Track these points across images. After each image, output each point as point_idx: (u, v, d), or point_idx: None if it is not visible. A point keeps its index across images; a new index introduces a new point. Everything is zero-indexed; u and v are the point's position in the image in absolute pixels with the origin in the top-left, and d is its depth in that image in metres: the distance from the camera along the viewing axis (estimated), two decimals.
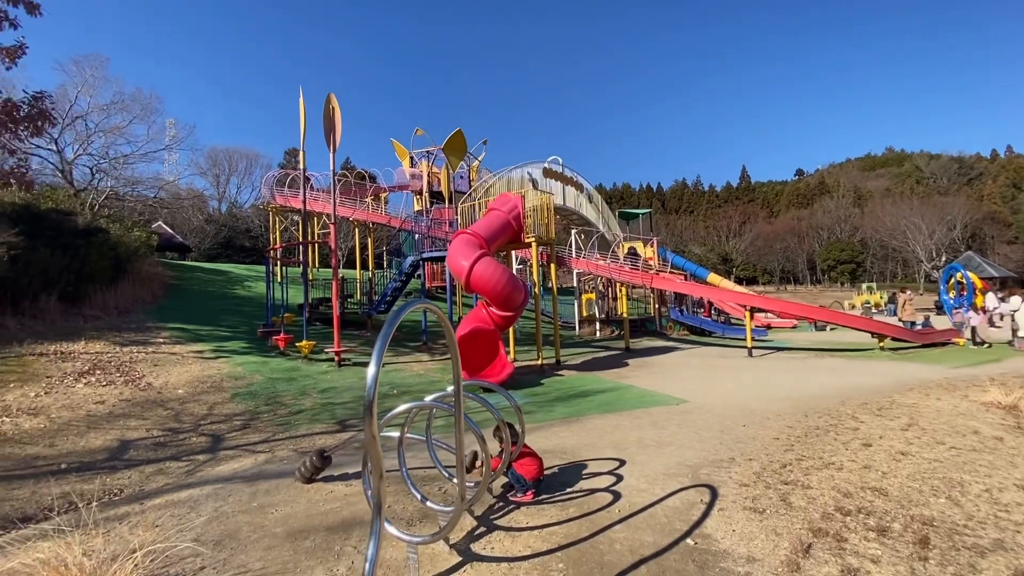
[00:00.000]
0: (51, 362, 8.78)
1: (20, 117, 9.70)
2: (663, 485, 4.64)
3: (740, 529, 3.73)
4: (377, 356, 2.14)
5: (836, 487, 4.51)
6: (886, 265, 70.16)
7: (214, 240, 44.18)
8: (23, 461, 5.48)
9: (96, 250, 12.68)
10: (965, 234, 53.39)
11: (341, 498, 4.56)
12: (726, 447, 5.75)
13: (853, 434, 6.16)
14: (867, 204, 78.51)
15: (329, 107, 17.07)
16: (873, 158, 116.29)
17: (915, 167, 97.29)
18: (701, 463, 5.23)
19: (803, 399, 8.29)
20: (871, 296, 43.98)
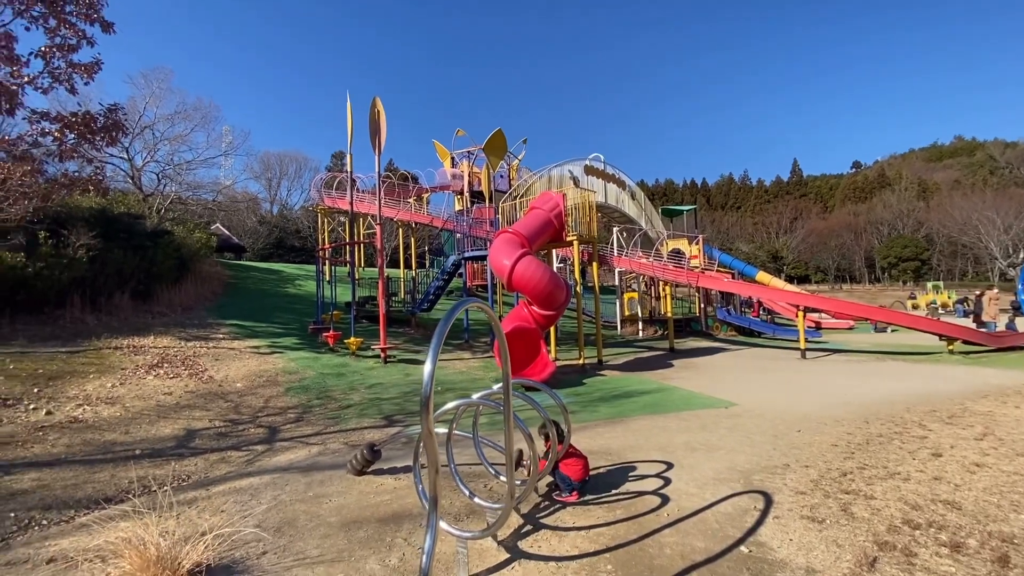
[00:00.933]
0: (125, 355, 9.44)
1: (97, 128, 10.46)
2: (713, 490, 4.52)
3: (798, 539, 3.59)
4: (433, 353, 2.18)
5: (903, 498, 4.26)
6: (955, 263, 65.44)
7: (266, 241, 46.22)
8: (102, 446, 5.92)
9: (163, 251, 13.54)
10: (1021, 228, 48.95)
11: (391, 491, 4.69)
12: (780, 453, 5.54)
13: (921, 443, 5.81)
14: (933, 197, 73.49)
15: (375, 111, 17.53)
16: (940, 148, 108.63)
17: (988, 156, 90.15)
18: (753, 469, 5.06)
19: (863, 404, 7.87)
20: (938, 296, 41.13)
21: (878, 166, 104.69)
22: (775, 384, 9.89)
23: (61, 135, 10.08)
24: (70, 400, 7.28)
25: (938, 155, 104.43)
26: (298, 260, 44.29)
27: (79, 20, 10.47)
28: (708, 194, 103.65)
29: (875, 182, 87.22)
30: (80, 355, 9.17)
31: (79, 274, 10.92)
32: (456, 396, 9.20)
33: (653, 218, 22.33)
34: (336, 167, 58.89)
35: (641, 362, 13.54)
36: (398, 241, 27.45)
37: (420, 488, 3.69)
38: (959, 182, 78.78)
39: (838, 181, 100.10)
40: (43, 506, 4.47)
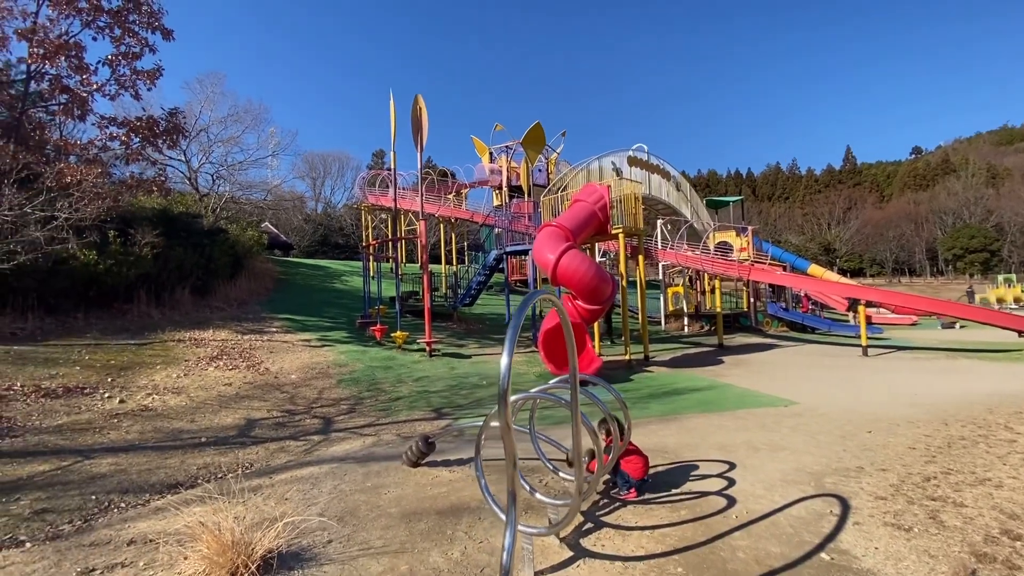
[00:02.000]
0: (187, 347, 9.91)
1: (160, 131, 10.99)
2: (782, 492, 4.29)
3: (884, 547, 3.35)
4: (509, 347, 2.11)
5: (997, 507, 3.93)
6: None
7: (312, 238, 47.69)
8: (171, 434, 6.20)
9: (219, 248, 14.14)
10: None
11: (446, 483, 4.69)
12: (851, 455, 5.23)
13: (1010, 447, 5.36)
14: (1004, 183, 68.26)
15: (416, 108, 17.68)
16: (1011, 130, 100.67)
17: None
18: (823, 471, 4.78)
19: (938, 405, 7.35)
20: (1010, 289, 38.10)
21: (941, 151, 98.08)
22: (836, 382, 9.39)
23: (128, 139, 10.66)
24: (140, 389, 7.68)
25: (1008, 138, 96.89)
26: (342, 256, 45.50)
27: (141, 29, 11.00)
28: (754, 184, 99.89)
29: (938, 168, 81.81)
30: (147, 347, 9.68)
31: (144, 270, 11.53)
32: None
33: (699, 209, 21.65)
34: (376, 165, 60.11)
35: (689, 358, 13.16)
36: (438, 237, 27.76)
37: (483, 483, 3.66)
38: None
39: (896, 168, 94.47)
40: (121, 489, 4.70)
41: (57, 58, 10.11)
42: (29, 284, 9.56)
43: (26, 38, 9.74)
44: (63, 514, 4.19)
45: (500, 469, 5.01)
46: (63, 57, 10.27)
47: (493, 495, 3.67)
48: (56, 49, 9.86)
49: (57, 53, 9.89)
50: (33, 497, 4.43)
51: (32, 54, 9.94)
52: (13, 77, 11.06)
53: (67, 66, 10.55)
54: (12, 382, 7.17)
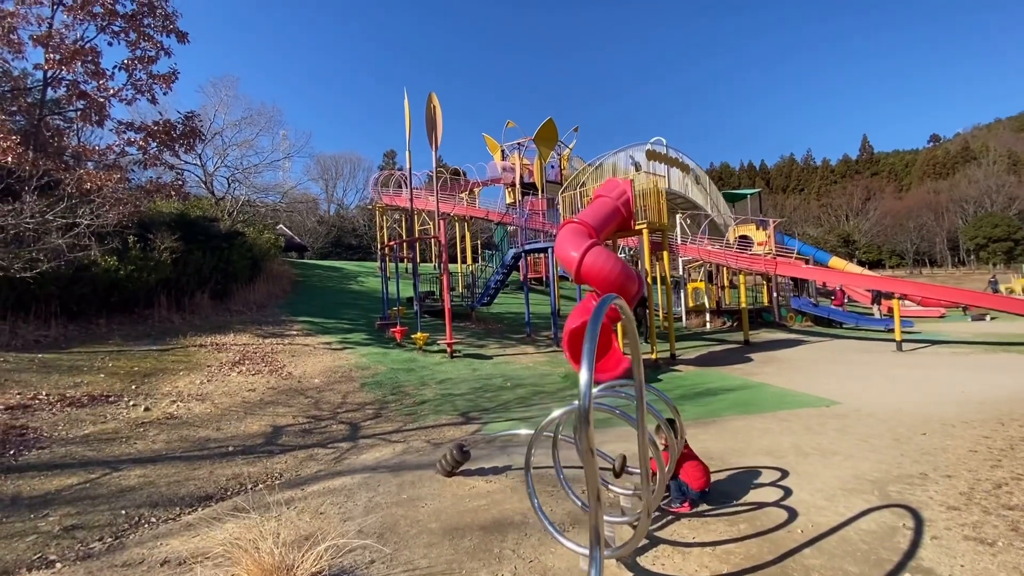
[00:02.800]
0: (209, 353, 9.83)
1: (177, 135, 10.92)
2: (846, 503, 4.03)
3: (971, 564, 3.08)
4: (589, 359, 1.88)
5: None
6: None
7: (325, 240, 47.87)
8: (198, 443, 6.08)
9: (237, 252, 14.10)
10: None
11: (485, 495, 4.49)
12: (910, 459, 4.93)
13: None
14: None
15: (430, 106, 17.49)
16: None
17: None
18: (885, 478, 4.50)
19: (989, 403, 6.99)
20: None
21: (960, 139, 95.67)
22: (876, 380, 9.04)
23: (145, 144, 10.60)
24: (164, 397, 7.59)
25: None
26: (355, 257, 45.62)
27: (156, 32, 10.92)
28: (768, 176, 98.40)
29: (957, 156, 79.88)
30: (169, 353, 9.61)
31: (164, 275, 11.50)
32: (528, 392, 8.99)
33: (719, 203, 21.22)
34: (388, 166, 60.15)
35: (716, 356, 12.84)
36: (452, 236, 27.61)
37: (537, 504, 3.45)
38: None
39: (914, 157, 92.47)
40: (151, 503, 4.57)
41: (73, 63, 10.06)
42: (52, 291, 9.55)
43: (42, 44, 9.71)
44: (93, 531, 4.06)
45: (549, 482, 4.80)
46: (79, 62, 10.23)
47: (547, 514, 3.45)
48: (72, 54, 9.81)
49: (73, 58, 9.85)
50: (62, 512, 4.31)
51: (48, 59, 9.91)
52: (30, 85, 11.08)
53: (83, 71, 10.52)
54: (37, 391, 7.11)
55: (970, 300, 12.70)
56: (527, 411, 7.72)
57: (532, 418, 7.31)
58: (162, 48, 10.84)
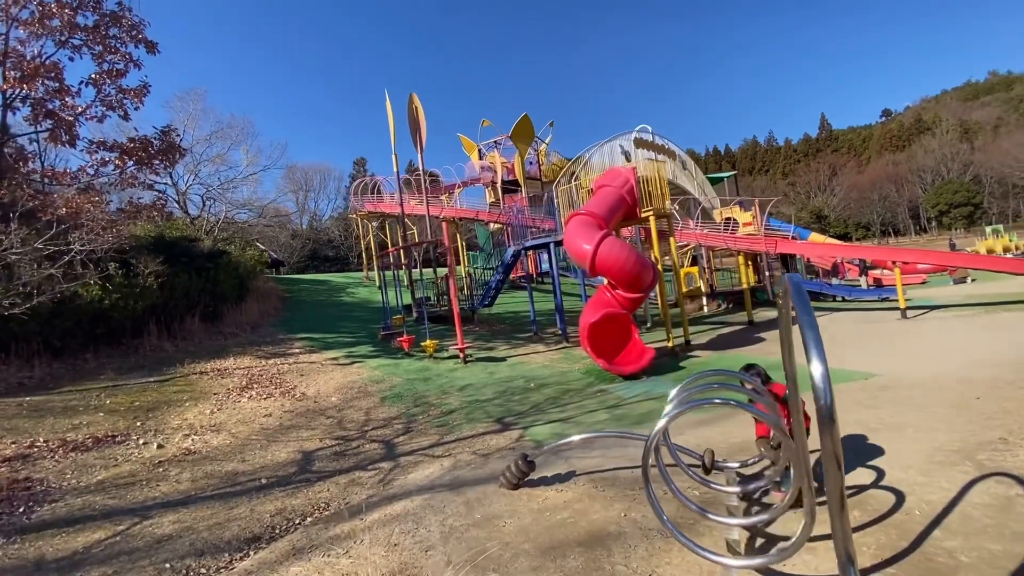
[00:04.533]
0: (212, 379, 9.24)
1: (155, 152, 10.25)
2: (945, 477, 3.87)
3: None
4: (819, 353, 1.61)
5: None
6: (1007, 204, 61.89)
7: (300, 253, 46.61)
8: (227, 478, 5.60)
9: (223, 271, 13.40)
10: None
11: (563, 506, 4.19)
12: (980, 425, 4.84)
13: None
14: (978, 138, 69.53)
15: (412, 107, 17.05)
16: (975, 85, 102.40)
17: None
18: (967, 447, 4.38)
19: (1017, 363, 7.04)
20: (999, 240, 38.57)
21: (911, 112, 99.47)
22: (901, 349, 9.08)
23: (122, 162, 9.90)
24: (175, 431, 7.04)
25: (974, 93, 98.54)
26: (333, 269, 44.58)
27: (123, 44, 10.22)
28: (733, 160, 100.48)
29: (912, 128, 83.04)
30: (169, 383, 8.99)
31: (152, 301, 10.80)
32: (556, 391, 8.70)
33: (705, 187, 21.34)
34: (359, 174, 59.00)
35: (727, 339, 12.81)
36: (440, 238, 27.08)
37: (665, 518, 3.16)
38: (1002, 119, 74.38)
39: (871, 132, 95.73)
40: (196, 552, 4.13)
41: (35, 81, 9.32)
42: (32, 328, 8.81)
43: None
44: None
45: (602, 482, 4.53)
46: (40, 80, 9.48)
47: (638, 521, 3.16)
48: (34, 70, 9.07)
49: (35, 75, 9.10)
50: (98, 574, 3.83)
51: (7, 78, 9.15)
52: None
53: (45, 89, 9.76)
54: (34, 438, 6.49)
55: (967, 263, 12.97)
56: (562, 411, 7.45)
57: (572, 418, 7.05)
58: (131, 60, 10.13)
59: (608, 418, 6.87)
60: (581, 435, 4.96)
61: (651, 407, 7.19)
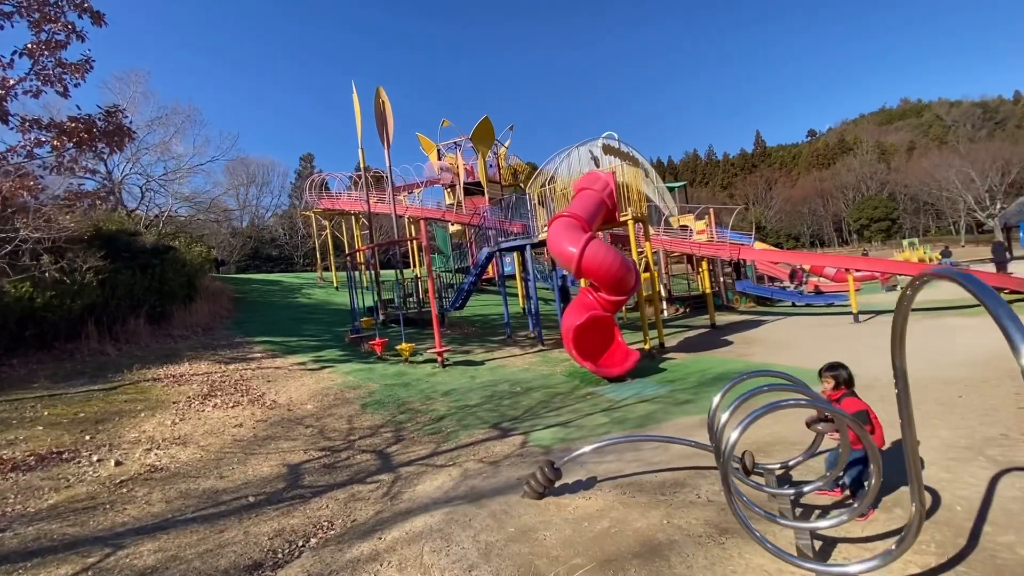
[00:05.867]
0: (168, 387, 8.35)
1: (99, 134, 9.20)
2: (967, 472, 4.02)
3: None
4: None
5: None
6: (918, 219, 68.31)
7: (241, 252, 43.95)
8: (206, 497, 5.00)
9: (171, 268, 12.25)
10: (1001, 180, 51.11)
11: (598, 515, 4.00)
12: (976, 422, 5.11)
13: None
14: (892, 159, 76.33)
15: (379, 101, 16.44)
16: (889, 111, 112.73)
17: (935, 116, 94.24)
18: (973, 443, 4.60)
19: (981, 362, 7.60)
20: (915, 252, 42.40)
21: (834, 133, 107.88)
22: (866, 351, 9.58)
23: (60, 143, 8.80)
24: (134, 445, 6.26)
25: (888, 118, 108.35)
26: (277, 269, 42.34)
27: (64, 13, 9.13)
28: (675, 171, 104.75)
29: (836, 148, 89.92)
30: (118, 391, 8.04)
31: (91, 301, 9.65)
32: (545, 395, 8.51)
33: (665, 195, 21.94)
34: (306, 170, 56.50)
35: (696, 341, 13.12)
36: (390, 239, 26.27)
37: (756, 533, 3.02)
38: (913, 143, 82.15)
39: (800, 150, 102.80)
40: None
41: None
42: None
43: None
44: None
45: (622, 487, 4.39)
46: None
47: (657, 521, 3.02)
48: None
49: None
50: None
51: None
52: None
53: None
54: None
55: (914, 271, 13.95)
56: (558, 415, 7.27)
57: (571, 422, 6.89)
58: (73, 31, 9.02)
59: (608, 421, 6.75)
60: (610, 439, 4.81)
61: (648, 409, 7.14)
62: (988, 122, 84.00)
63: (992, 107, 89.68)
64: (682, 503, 4.11)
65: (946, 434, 4.87)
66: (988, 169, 49.87)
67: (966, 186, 51.67)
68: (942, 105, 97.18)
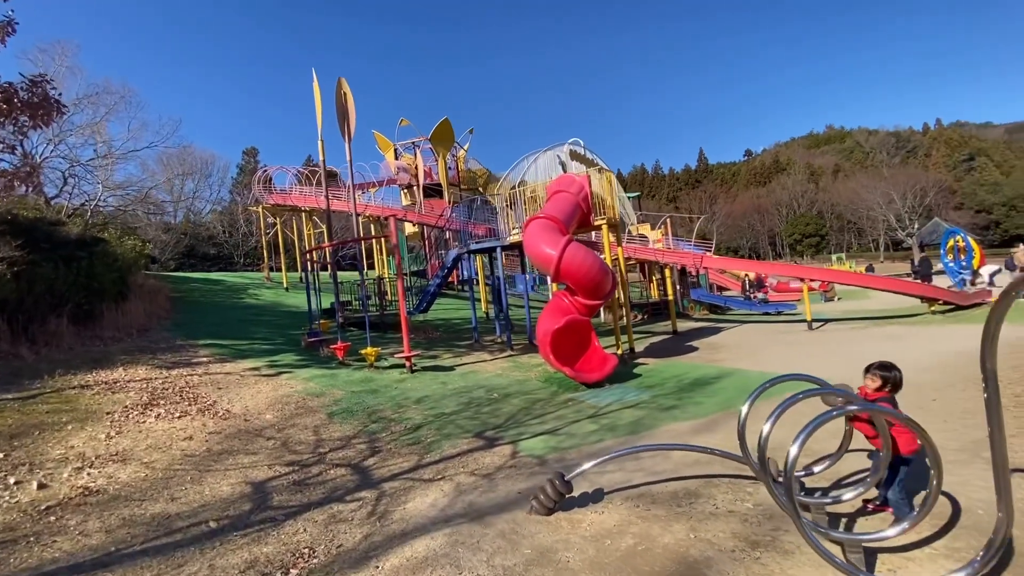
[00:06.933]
0: (101, 395, 7.31)
1: (21, 104, 8.05)
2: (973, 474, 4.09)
3: None
4: None
5: None
6: (843, 236, 73.79)
7: (175, 250, 40.78)
8: (158, 524, 4.29)
9: (101, 263, 10.92)
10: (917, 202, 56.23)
11: (616, 531, 3.71)
12: (958, 424, 5.31)
13: None
14: (821, 180, 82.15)
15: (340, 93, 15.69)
16: (816, 136, 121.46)
17: (856, 143, 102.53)
18: (966, 446, 4.73)
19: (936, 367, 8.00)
20: (843, 266, 45.69)
21: (768, 153, 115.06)
22: (829, 356, 9.94)
23: None
24: (60, 464, 5.36)
25: (816, 142, 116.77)
26: (215, 268, 39.62)
27: None
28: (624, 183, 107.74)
29: (771, 168, 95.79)
30: (37, 400, 6.95)
31: (3, 296, 8.37)
32: (524, 401, 8.17)
33: (626, 204, 22.34)
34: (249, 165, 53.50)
35: (662, 347, 13.23)
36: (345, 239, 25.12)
37: (828, 556, 2.80)
38: (839, 166, 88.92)
39: (739, 168, 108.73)
40: None
41: None
42: None
43: None
44: None
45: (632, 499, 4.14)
46: None
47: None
48: None
49: None
50: None
51: None
52: None
53: None
54: None
55: (873, 283, 14.73)
56: (543, 423, 6.96)
57: (559, 430, 6.59)
58: None
59: (598, 428, 6.51)
60: (630, 448, 4.54)
61: (635, 415, 6.97)
62: (901, 150, 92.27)
63: (904, 137, 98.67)
64: (702, 514, 3.90)
65: (937, 437, 4.93)
66: (907, 192, 54.79)
67: (888, 207, 56.40)
68: (862, 133, 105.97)
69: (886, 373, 3.38)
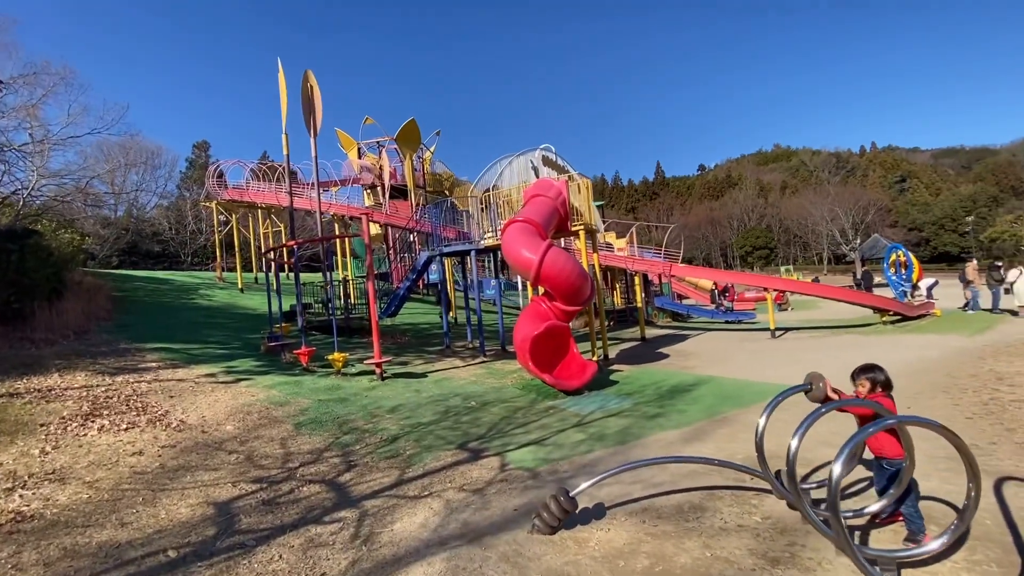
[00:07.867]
0: (33, 404, 6.49)
1: None
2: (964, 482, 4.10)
3: None
4: None
5: None
6: (790, 249, 77.56)
7: (115, 246, 38.04)
8: (107, 554, 3.75)
9: (33, 257, 9.85)
10: (858, 219, 59.85)
11: (627, 551, 3.51)
12: None
13: None
14: (769, 195, 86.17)
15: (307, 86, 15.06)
16: (765, 154, 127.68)
17: (801, 161, 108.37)
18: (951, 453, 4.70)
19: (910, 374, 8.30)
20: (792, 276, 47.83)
21: (720, 168, 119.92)
22: (796, 363, 10.17)
23: None
24: None
25: (764, 160, 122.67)
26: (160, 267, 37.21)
27: None
28: None
29: (724, 182, 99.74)
30: None
31: None
32: (504, 409, 7.91)
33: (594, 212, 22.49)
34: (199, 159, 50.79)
35: (633, 354, 13.27)
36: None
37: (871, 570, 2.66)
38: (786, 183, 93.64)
39: (693, 181, 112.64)
40: None
41: None
42: None
43: None
44: None
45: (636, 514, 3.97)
46: None
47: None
48: None
49: None
50: None
51: None
52: None
53: None
54: None
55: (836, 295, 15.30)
56: (528, 432, 6.71)
57: (545, 440, 6.36)
58: None
59: (586, 438, 6.32)
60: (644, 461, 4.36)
61: (621, 424, 6.84)
62: (841, 170, 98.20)
63: (844, 158, 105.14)
64: (712, 530, 3.76)
65: (924, 445, 5.02)
66: (850, 209, 58.27)
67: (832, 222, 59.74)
68: (806, 152, 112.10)
69: (872, 375, 3.37)
